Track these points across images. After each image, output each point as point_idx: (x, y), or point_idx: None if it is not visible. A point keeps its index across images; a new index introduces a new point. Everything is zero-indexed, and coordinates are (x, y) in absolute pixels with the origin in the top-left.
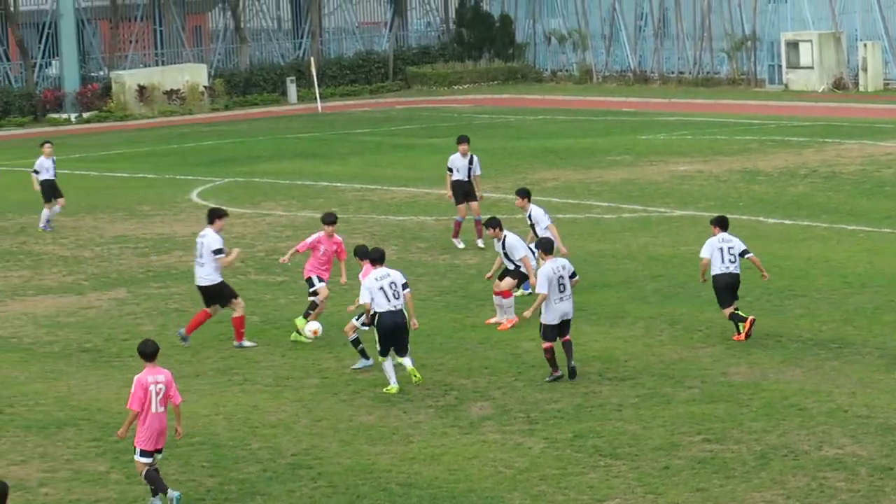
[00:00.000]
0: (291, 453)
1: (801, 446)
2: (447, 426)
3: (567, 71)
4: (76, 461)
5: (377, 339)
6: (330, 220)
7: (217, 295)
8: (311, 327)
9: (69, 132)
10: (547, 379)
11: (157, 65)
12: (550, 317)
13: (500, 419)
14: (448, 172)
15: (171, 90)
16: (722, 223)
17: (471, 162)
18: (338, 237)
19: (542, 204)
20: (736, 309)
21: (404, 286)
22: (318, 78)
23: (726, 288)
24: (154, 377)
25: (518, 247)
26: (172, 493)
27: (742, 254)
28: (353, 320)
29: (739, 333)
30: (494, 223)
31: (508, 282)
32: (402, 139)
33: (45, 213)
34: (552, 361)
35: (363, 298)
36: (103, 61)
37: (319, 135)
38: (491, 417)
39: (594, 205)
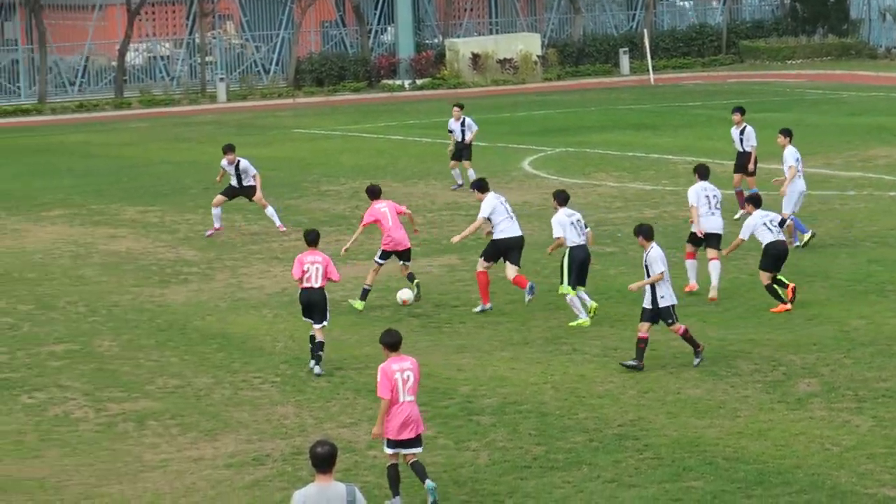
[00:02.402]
0: (618, 424)
1: None
2: (774, 402)
3: None
4: None
5: (566, 271)
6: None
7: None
8: (403, 296)
9: (402, 98)
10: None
11: (490, 33)
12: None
13: (828, 396)
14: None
15: (505, 59)
16: None
17: (742, 133)
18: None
19: (872, 182)
20: None
21: (586, 225)
22: (650, 50)
23: None
24: (400, 364)
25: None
26: (429, 483)
27: None
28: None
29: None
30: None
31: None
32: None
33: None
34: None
35: (556, 233)
36: (438, 29)
37: (651, 107)
38: (818, 394)
39: None
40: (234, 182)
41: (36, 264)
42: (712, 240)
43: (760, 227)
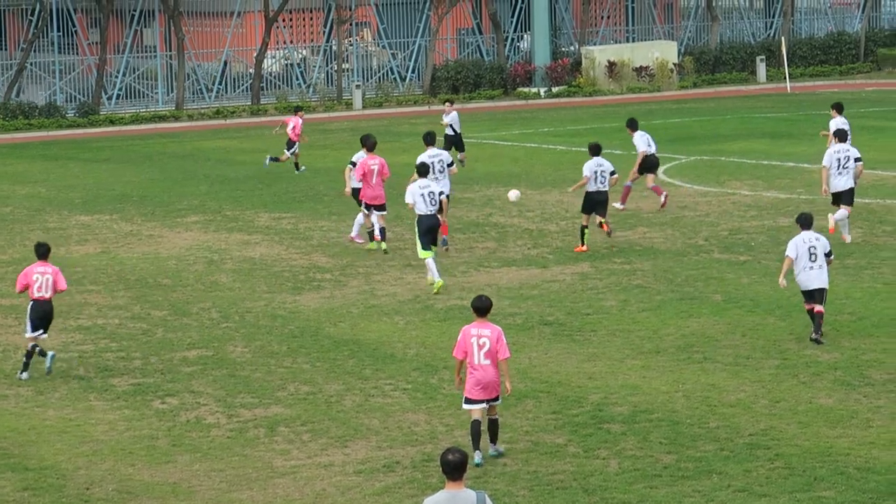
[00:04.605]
0: (749, 433)
1: None
2: None
3: None
4: (535, 433)
5: (418, 238)
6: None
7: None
8: (512, 197)
9: (538, 106)
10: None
11: (627, 41)
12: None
13: None
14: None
15: (641, 67)
16: None
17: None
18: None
19: None
20: None
21: (440, 194)
22: (787, 58)
23: None
24: (479, 330)
25: None
26: (478, 457)
27: None
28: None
29: None
30: None
31: None
32: (871, 121)
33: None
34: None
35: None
36: (574, 36)
37: (787, 115)
38: None
39: None
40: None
41: (170, 270)
42: (842, 197)
43: None
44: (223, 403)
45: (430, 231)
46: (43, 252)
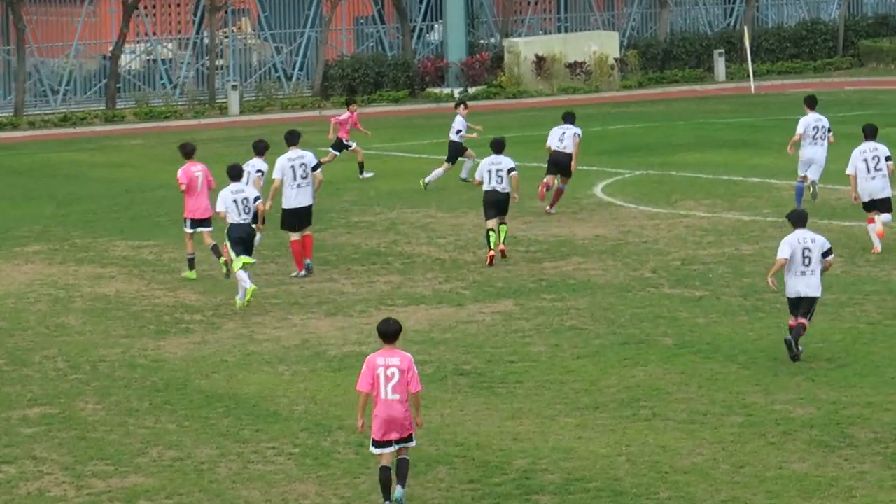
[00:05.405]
0: None
1: None
2: None
3: None
4: None
5: (230, 248)
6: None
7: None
8: None
9: (452, 110)
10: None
11: (559, 31)
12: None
13: None
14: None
15: (575, 62)
16: None
17: None
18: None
19: None
20: None
21: (256, 199)
22: (752, 51)
23: None
24: (386, 359)
25: None
26: (399, 492)
27: None
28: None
29: None
30: None
31: None
32: (851, 127)
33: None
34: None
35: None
36: (495, 26)
37: (752, 120)
38: None
39: None
40: None
41: (7, 311)
42: (880, 205)
43: None
44: (71, 472)
45: (242, 242)
46: None
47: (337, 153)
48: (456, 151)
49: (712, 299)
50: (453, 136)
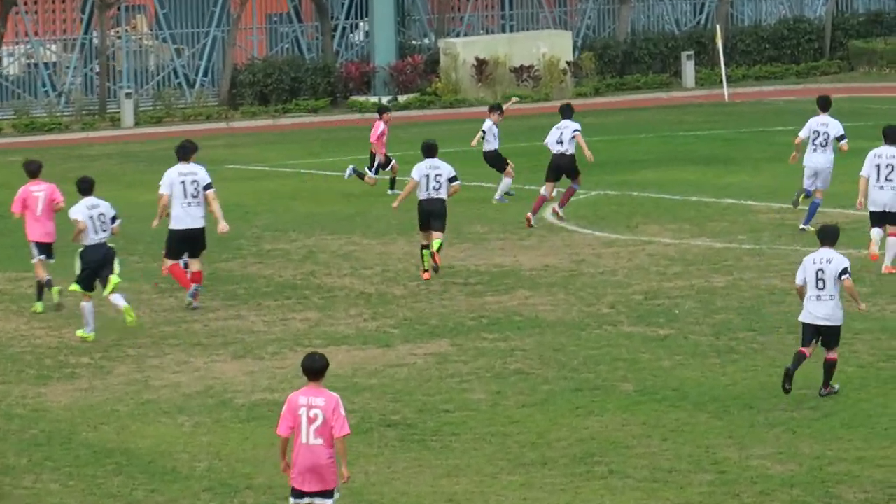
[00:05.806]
0: None
1: None
2: None
3: None
4: None
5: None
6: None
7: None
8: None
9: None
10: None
11: (503, 31)
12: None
13: None
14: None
15: (522, 66)
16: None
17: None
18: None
19: None
20: None
21: (113, 219)
22: (725, 54)
23: None
24: (310, 399)
25: None
26: None
27: None
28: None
29: None
30: None
31: None
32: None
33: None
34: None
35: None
36: (429, 25)
37: (724, 132)
38: None
39: None
40: None
41: None
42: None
43: None
44: None
45: (96, 265)
46: None
47: (375, 176)
48: (496, 160)
49: (679, 339)
50: (493, 144)
